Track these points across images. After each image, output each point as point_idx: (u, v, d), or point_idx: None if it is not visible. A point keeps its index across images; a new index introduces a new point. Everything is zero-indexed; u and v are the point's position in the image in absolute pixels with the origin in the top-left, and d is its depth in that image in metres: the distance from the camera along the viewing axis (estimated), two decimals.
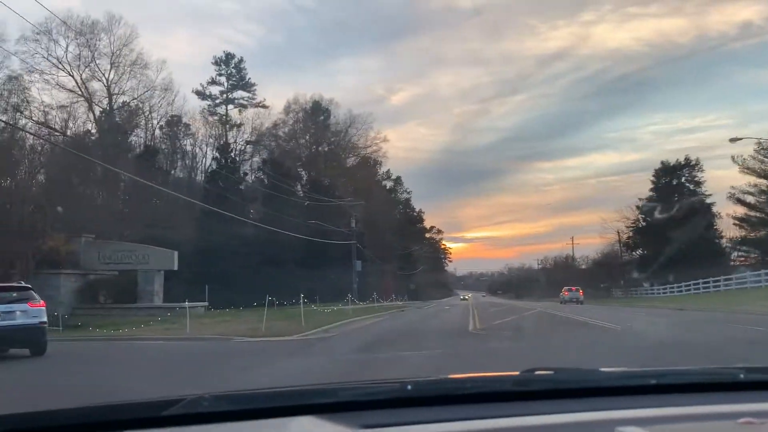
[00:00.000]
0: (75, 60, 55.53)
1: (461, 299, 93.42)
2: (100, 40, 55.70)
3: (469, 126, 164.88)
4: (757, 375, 1.98)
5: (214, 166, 55.55)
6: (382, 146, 74.95)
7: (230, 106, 61.90)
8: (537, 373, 1.95)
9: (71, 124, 54.19)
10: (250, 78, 61.92)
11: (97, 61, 56.07)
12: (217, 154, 54.42)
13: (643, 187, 78.44)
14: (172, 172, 56.35)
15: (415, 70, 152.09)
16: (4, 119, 46.07)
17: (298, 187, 65.30)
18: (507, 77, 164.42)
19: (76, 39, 55.38)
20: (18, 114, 49.79)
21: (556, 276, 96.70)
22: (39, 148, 47.10)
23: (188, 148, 59.93)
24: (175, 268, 34.58)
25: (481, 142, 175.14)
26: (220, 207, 53.56)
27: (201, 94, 60.48)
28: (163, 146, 57.79)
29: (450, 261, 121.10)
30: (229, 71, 60.97)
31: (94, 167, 51.20)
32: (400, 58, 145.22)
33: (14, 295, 14.53)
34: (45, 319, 14.84)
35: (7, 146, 42.70)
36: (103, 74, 56.32)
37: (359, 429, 1.49)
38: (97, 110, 55.96)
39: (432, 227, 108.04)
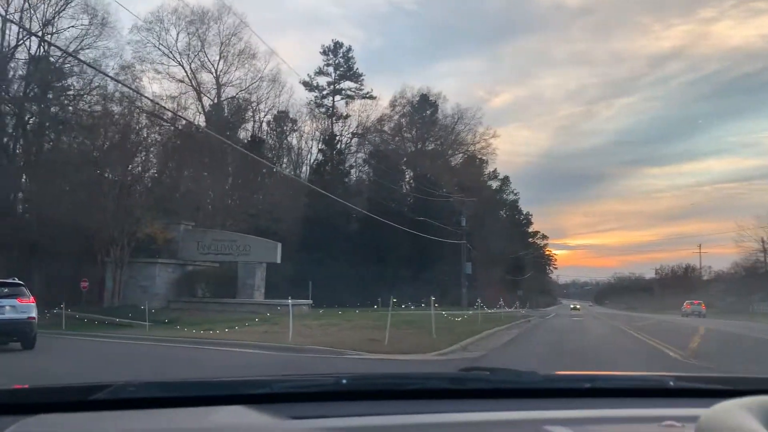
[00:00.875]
0: (185, 50, 53.26)
1: (571, 308, 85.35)
2: (209, 29, 53.14)
3: (574, 129, 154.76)
4: (685, 383, 1.97)
5: (320, 158, 51.62)
6: (492, 143, 68.73)
7: (337, 97, 57.89)
8: (473, 372, 1.97)
9: (179, 114, 51.73)
10: (357, 68, 57.71)
11: (206, 51, 53.59)
12: (323, 146, 50.38)
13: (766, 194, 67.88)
14: (277, 165, 52.82)
15: (518, 72, 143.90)
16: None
17: (403, 183, 60.54)
18: (615, 78, 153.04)
19: (187, 28, 53.09)
20: (130, 103, 47.82)
21: (674, 287, 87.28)
22: (145, 136, 44.70)
23: (294, 141, 56.31)
24: (278, 260, 30.27)
25: (586, 146, 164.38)
26: (325, 201, 49.63)
27: (308, 85, 56.82)
28: (270, 140, 54.45)
29: (555, 268, 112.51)
30: (337, 61, 56.99)
31: (201, 157, 48.49)
32: (503, 60, 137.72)
33: (5, 290, 14.61)
34: (34, 314, 14.86)
35: (123, 134, 40.42)
36: (212, 64, 53.73)
37: (288, 419, 1.46)
38: (206, 100, 53.32)
39: (536, 232, 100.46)
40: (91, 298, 38.55)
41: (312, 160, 55.74)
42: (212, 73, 53.57)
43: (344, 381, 1.71)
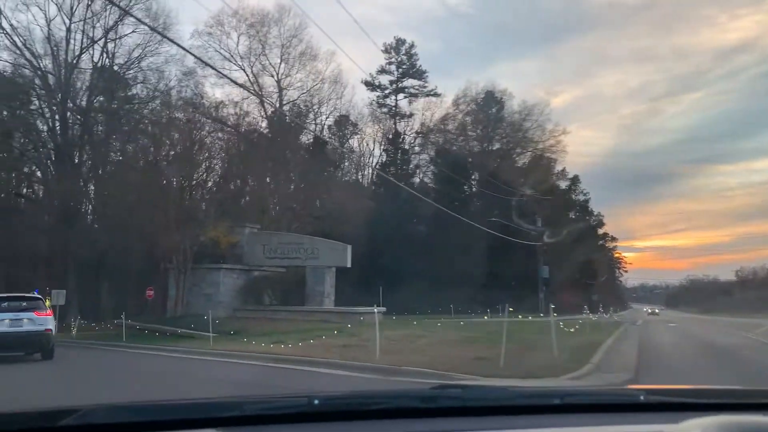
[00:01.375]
0: (246, 54, 51.55)
1: (649, 313, 79.56)
2: (269, 32, 51.26)
3: (638, 127, 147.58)
4: (656, 397, 1.96)
5: (384, 159, 48.86)
6: (562, 140, 64.48)
7: (400, 96, 55.01)
8: (445, 390, 1.95)
9: (243, 119, 50.00)
10: (420, 65, 54.74)
11: (267, 55, 51.74)
12: (388, 146, 47.56)
13: None
14: (340, 168, 50.36)
15: (578, 71, 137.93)
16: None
17: (470, 183, 57.16)
18: (680, 74, 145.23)
19: (247, 31, 51.37)
20: (192, 109, 46.35)
21: (758, 289, 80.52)
22: (209, 141, 42.94)
23: (356, 143, 53.73)
24: (348, 264, 27.43)
25: (651, 145, 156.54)
26: (391, 203, 46.75)
27: (370, 85, 54.24)
28: (332, 142, 52.03)
29: (625, 271, 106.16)
30: (399, 58, 54.17)
31: (265, 160, 46.49)
32: (561, 60, 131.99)
33: (23, 304, 15.08)
34: (51, 326, 15.13)
35: (187, 140, 38.83)
36: (274, 67, 51.80)
37: None
38: (267, 104, 51.33)
39: (605, 234, 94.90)
40: (155, 307, 36.79)
41: (375, 162, 53.03)
42: (273, 77, 51.72)
43: (316, 402, 1.66)
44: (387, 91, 54.99)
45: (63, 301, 30.53)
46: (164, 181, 38.01)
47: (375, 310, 27.11)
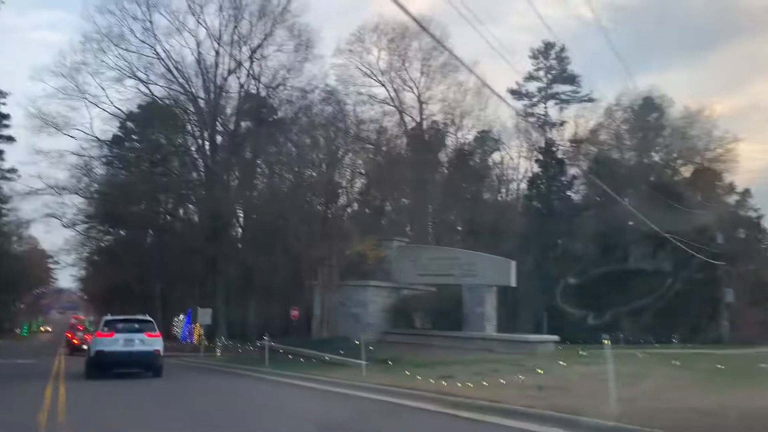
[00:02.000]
0: (387, 69, 49.32)
1: None
2: (410, 45, 48.72)
3: None
4: None
5: (535, 170, 44.07)
6: (732, 149, 55.64)
7: (550, 103, 50.07)
8: None
9: (383, 136, 47.59)
10: (572, 70, 49.53)
11: (407, 69, 49.19)
12: (539, 157, 42.81)
13: None
14: (487, 181, 46.24)
15: (734, 80, 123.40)
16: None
17: (628, 196, 50.62)
18: None
19: (388, 46, 49.18)
20: (333, 127, 44.74)
21: None
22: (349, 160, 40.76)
23: (502, 155, 49.35)
24: (512, 283, 23.17)
25: None
26: (544, 219, 41.86)
27: (516, 93, 49.82)
28: (477, 153, 48.18)
29: None
30: (548, 63, 49.37)
31: (406, 176, 43.57)
32: (713, 69, 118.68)
33: (136, 326, 16.03)
34: (159, 347, 15.83)
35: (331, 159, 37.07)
36: (414, 82, 49.10)
37: None
38: (408, 118, 48.68)
39: None
40: (300, 328, 34.52)
41: (523, 174, 48.33)
42: (413, 92, 49.05)
43: None
44: (535, 99, 50.32)
45: (209, 320, 29.06)
46: (308, 198, 36.29)
47: (548, 338, 22.71)
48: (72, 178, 39.34)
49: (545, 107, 50.13)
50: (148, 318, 17.70)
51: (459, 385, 12.39)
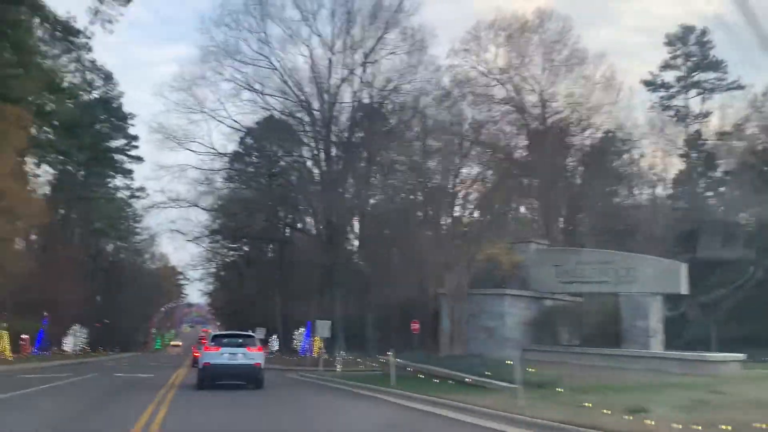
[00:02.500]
0: (505, 67, 45.68)
1: None
2: (530, 41, 44.82)
3: None
4: None
5: (680, 166, 38.57)
6: None
7: (691, 92, 44.06)
8: None
9: (503, 137, 43.99)
10: (715, 56, 43.37)
11: (527, 66, 45.28)
12: (686, 150, 37.40)
13: None
14: (626, 179, 41.19)
15: None
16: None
17: None
18: None
19: (506, 43, 45.58)
20: (450, 131, 41.90)
21: None
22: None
23: (635, 152, 43.97)
24: (683, 290, 18.81)
25: None
26: (694, 219, 36.27)
27: (651, 84, 44.42)
28: (609, 154, 43.24)
29: None
30: (687, 49, 43.56)
31: (531, 179, 39.85)
32: None
33: (239, 341, 16.76)
34: (260, 361, 16.28)
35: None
36: (535, 79, 45.06)
37: None
38: (529, 117, 44.65)
39: None
40: (423, 342, 31.55)
41: (660, 170, 42.68)
42: (535, 89, 45.01)
43: None
44: (673, 90, 44.54)
45: (328, 333, 26.87)
46: (428, 203, 33.61)
47: (732, 357, 18.16)
48: (192, 192, 39.02)
49: (686, 98, 44.17)
50: (251, 333, 18.73)
51: (663, 424, 8.78)
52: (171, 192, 38.71)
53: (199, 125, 40.43)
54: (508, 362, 12.98)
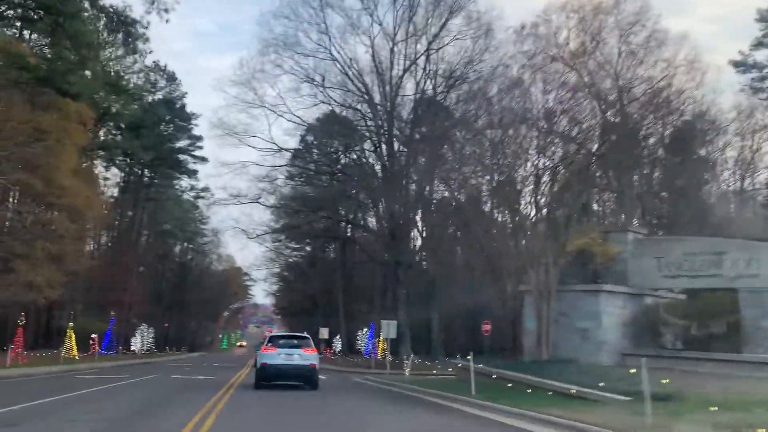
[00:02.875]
0: (578, 52, 42.37)
1: None
2: (605, 22, 41.33)
3: None
4: None
5: None
6: None
7: None
8: None
9: (577, 124, 40.72)
10: None
11: (602, 49, 41.81)
12: None
13: None
14: (713, 168, 37.25)
15: None
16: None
17: None
18: None
19: (579, 26, 42.27)
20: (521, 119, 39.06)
21: None
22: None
23: (724, 138, 39.85)
24: None
25: None
26: None
27: (741, 65, 40.21)
28: (693, 140, 39.27)
29: None
30: None
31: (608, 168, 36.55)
32: None
33: (295, 342, 16.93)
34: (315, 362, 16.22)
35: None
36: (610, 64, 41.55)
37: None
38: (604, 103, 41.13)
39: None
40: (498, 345, 28.97)
41: (754, 156, 38.48)
42: (610, 74, 41.52)
43: None
44: (766, 70, 40.15)
45: (394, 334, 24.69)
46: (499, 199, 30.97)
47: None
48: (253, 189, 37.66)
49: None
50: (306, 335, 18.57)
51: None
52: (233, 189, 37.49)
53: (259, 120, 39.31)
54: (632, 371, 10.34)
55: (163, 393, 15.05)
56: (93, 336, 47.74)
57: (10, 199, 27.41)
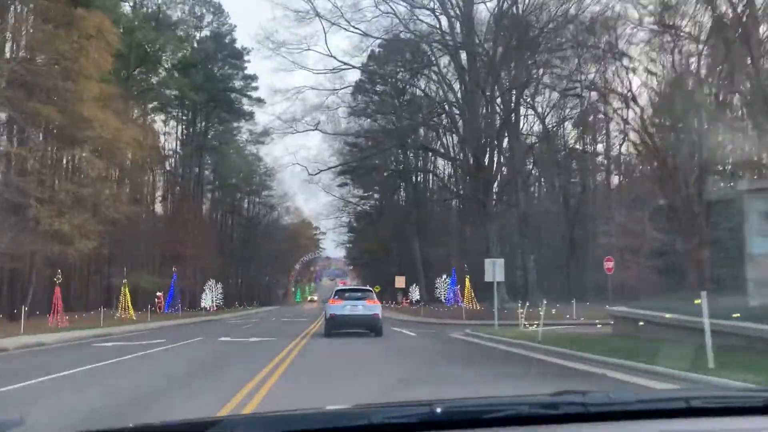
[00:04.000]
0: None
1: None
2: None
3: None
4: None
5: None
6: None
7: None
8: (567, 395, 1.71)
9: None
10: None
11: None
12: None
13: None
14: None
15: None
16: None
17: None
18: None
19: None
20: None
21: None
22: None
23: None
24: None
25: None
26: None
27: None
28: None
29: None
30: None
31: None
32: None
33: (359, 294, 17.89)
34: (378, 312, 17.11)
35: None
36: None
37: None
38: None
39: None
40: (629, 286, 22.12)
41: None
42: None
43: (438, 410, 1.57)
44: None
45: (502, 276, 18.19)
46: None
47: None
48: (309, 120, 31.14)
49: None
50: (369, 288, 20.53)
51: None
52: (288, 116, 31.26)
53: (313, 39, 32.45)
54: None
55: (179, 373, 9.21)
56: (158, 294, 43.86)
57: (16, 132, 22.19)
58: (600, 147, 46.54)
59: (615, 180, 41.95)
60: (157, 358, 11.86)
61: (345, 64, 30.05)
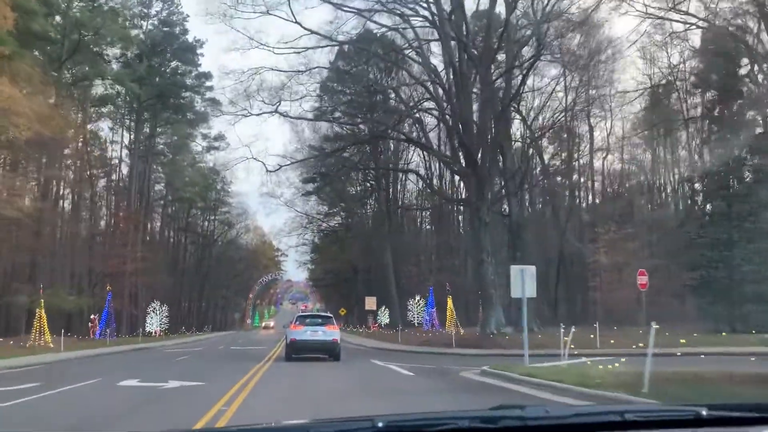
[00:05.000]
0: None
1: None
2: None
3: None
4: (720, 412, 1.72)
5: None
6: None
7: None
8: (506, 410, 1.72)
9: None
10: None
11: None
12: None
13: None
14: None
15: None
16: None
17: None
18: None
19: None
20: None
21: None
22: None
23: None
24: None
25: None
26: None
27: None
28: None
29: None
30: None
31: None
32: None
33: (319, 321, 18.03)
34: (337, 337, 17.37)
35: None
36: None
37: None
38: None
39: None
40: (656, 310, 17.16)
41: None
42: None
43: (380, 424, 1.55)
44: None
45: (532, 290, 12.81)
46: None
47: None
48: (264, 93, 25.01)
49: None
50: (329, 314, 20.83)
51: None
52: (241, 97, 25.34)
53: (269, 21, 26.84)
54: None
55: None
56: (92, 317, 37.26)
57: None
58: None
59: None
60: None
61: (313, 33, 24.32)
